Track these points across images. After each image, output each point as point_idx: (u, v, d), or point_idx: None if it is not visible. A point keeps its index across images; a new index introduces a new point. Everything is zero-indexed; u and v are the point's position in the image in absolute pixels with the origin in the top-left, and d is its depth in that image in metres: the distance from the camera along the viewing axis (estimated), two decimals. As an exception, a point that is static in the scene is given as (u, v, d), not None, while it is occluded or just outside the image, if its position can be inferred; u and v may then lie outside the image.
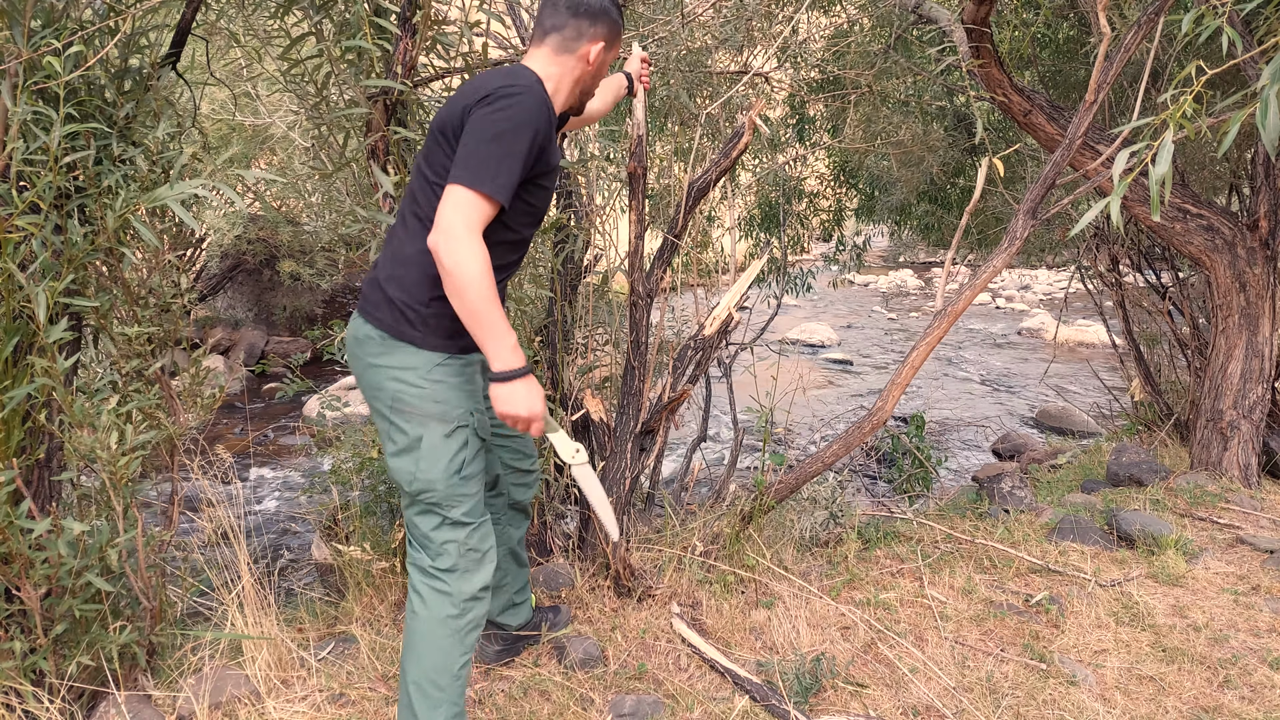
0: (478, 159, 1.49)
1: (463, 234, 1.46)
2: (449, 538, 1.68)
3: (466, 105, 1.54)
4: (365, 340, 1.64)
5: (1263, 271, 3.64)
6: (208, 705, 1.95)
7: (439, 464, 1.64)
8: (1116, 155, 1.57)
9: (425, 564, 1.69)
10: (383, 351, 1.62)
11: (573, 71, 1.73)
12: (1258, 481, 3.67)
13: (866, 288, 16.87)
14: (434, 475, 1.64)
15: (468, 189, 1.48)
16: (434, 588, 1.68)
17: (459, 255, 1.45)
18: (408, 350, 1.62)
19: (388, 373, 1.62)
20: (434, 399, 1.63)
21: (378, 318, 1.63)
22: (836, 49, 4.75)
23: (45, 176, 1.72)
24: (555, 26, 1.70)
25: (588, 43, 1.71)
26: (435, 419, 1.63)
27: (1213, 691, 2.16)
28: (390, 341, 1.62)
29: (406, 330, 1.62)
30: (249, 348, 8.77)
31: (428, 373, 1.62)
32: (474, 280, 1.45)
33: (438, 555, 1.68)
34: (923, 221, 6.52)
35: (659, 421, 2.56)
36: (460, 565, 1.69)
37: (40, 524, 1.73)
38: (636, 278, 2.51)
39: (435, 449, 1.63)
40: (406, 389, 1.62)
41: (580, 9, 1.70)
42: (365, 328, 1.65)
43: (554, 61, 1.70)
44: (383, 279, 1.65)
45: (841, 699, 2.10)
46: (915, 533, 3.11)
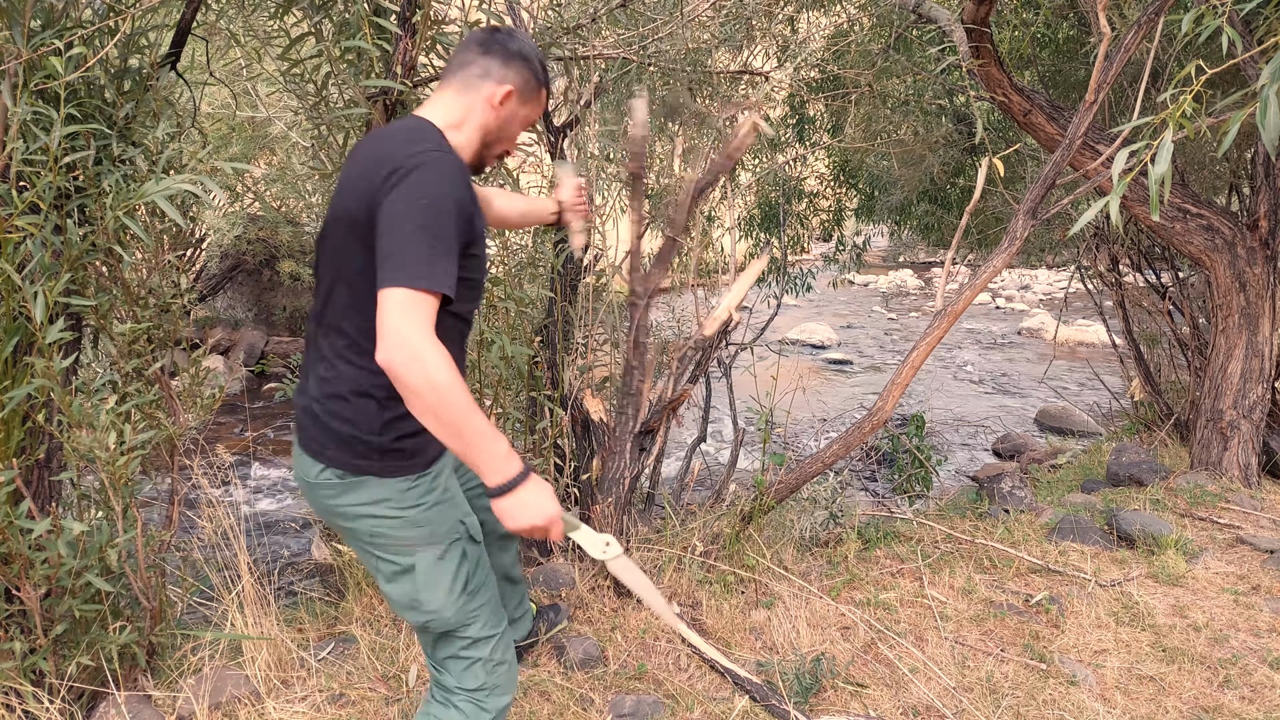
0: (407, 252, 1.26)
1: (418, 342, 1.23)
2: (474, 658, 1.51)
3: (370, 193, 1.32)
4: (318, 485, 1.44)
5: (1263, 271, 3.64)
6: (208, 705, 1.95)
7: (440, 589, 1.46)
8: (1116, 155, 1.57)
9: (452, 685, 1.52)
10: (343, 490, 1.42)
11: (479, 115, 1.49)
12: (1258, 481, 3.67)
13: (866, 288, 16.87)
14: (439, 603, 1.46)
15: (407, 289, 1.24)
16: (469, 700, 1.52)
17: (421, 367, 1.22)
18: (369, 484, 1.41)
19: (355, 511, 1.43)
20: (415, 524, 1.44)
21: (328, 456, 1.42)
22: (836, 48, 4.75)
23: (45, 176, 1.72)
24: (462, 63, 1.50)
25: (494, 84, 1.48)
26: (423, 545, 1.45)
27: (1213, 691, 2.16)
28: (348, 479, 1.42)
29: (362, 464, 1.41)
30: (249, 348, 8.77)
31: (399, 501, 1.43)
32: (444, 390, 1.23)
33: (463, 677, 1.51)
34: (923, 221, 6.52)
35: (659, 421, 2.57)
36: (490, 682, 1.52)
37: (40, 524, 1.73)
38: (635, 278, 2.52)
39: (431, 575, 1.45)
40: (382, 522, 1.43)
41: (491, 47, 1.50)
42: (314, 467, 1.43)
43: (457, 102, 1.49)
44: (319, 411, 1.43)
45: (841, 699, 2.10)
46: (915, 533, 3.11)
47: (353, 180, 1.37)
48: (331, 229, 1.41)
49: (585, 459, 2.80)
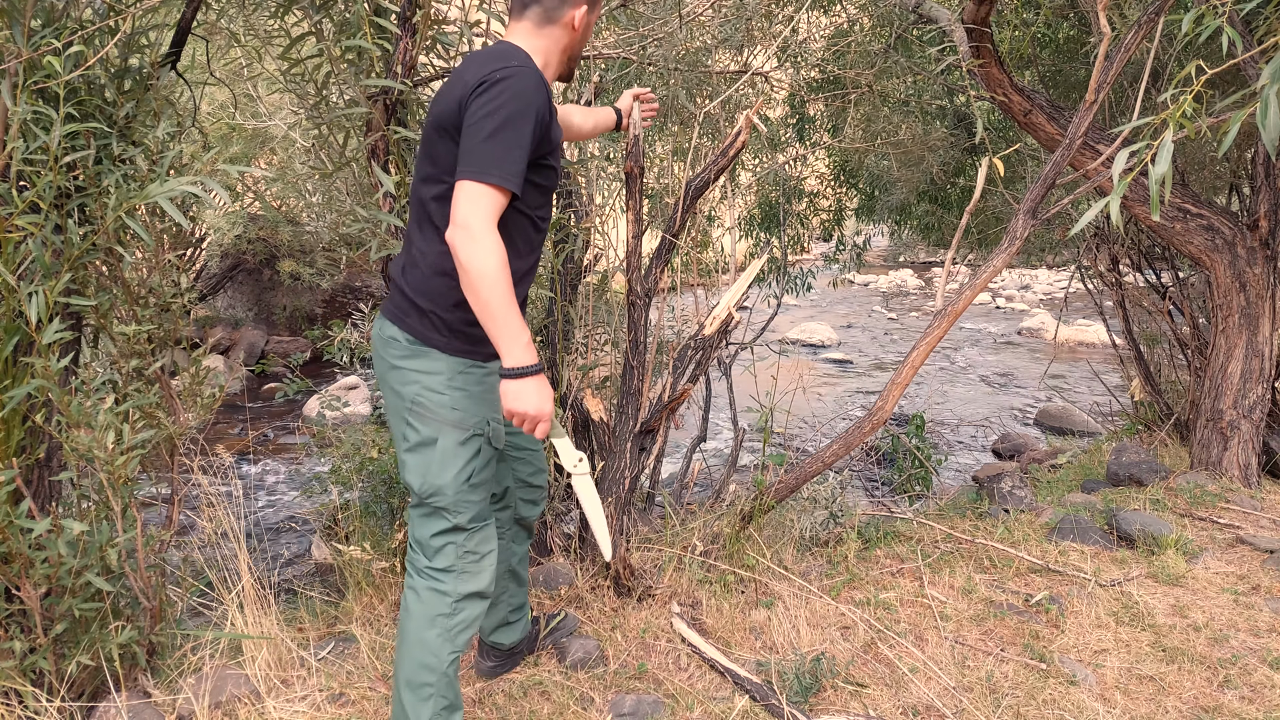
0: (484, 150, 1.46)
1: (479, 228, 1.44)
2: (449, 540, 1.68)
3: (462, 97, 1.51)
4: (390, 342, 1.65)
5: (1263, 271, 3.64)
6: (208, 705, 1.95)
7: (450, 470, 1.64)
8: (1116, 155, 1.57)
9: (422, 564, 1.69)
10: (407, 355, 1.63)
11: (559, 42, 1.68)
12: (1258, 481, 3.67)
13: (866, 288, 16.87)
14: (444, 480, 1.64)
15: (477, 182, 1.45)
16: (430, 586, 1.68)
17: (475, 250, 1.43)
18: (432, 356, 1.62)
19: (410, 375, 1.63)
20: (453, 405, 1.63)
21: (405, 323, 1.63)
22: (836, 48, 4.75)
23: (45, 176, 1.72)
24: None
25: (570, 9, 1.67)
26: (451, 425, 1.63)
27: (1213, 691, 2.16)
28: (416, 346, 1.62)
29: (432, 336, 1.62)
30: (249, 347, 8.77)
31: (449, 379, 1.63)
32: (489, 274, 1.44)
33: (435, 555, 1.68)
34: (923, 221, 6.52)
35: (659, 421, 2.56)
36: (457, 566, 1.69)
37: (40, 524, 1.73)
38: (634, 277, 2.51)
39: (448, 454, 1.63)
40: (427, 394, 1.62)
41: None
42: (391, 329, 1.65)
43: (538, 34, 1.66)
44: (407, 285, 1.64)
45: (841, 699, 2.10)
46: (915, 533, 3.11)
47: (447, 92, 1.55)
48: (427, 132, 1.60)
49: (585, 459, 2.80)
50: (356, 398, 7.09)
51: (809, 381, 8.54)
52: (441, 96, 1.57)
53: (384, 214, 2.11)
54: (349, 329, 3.09)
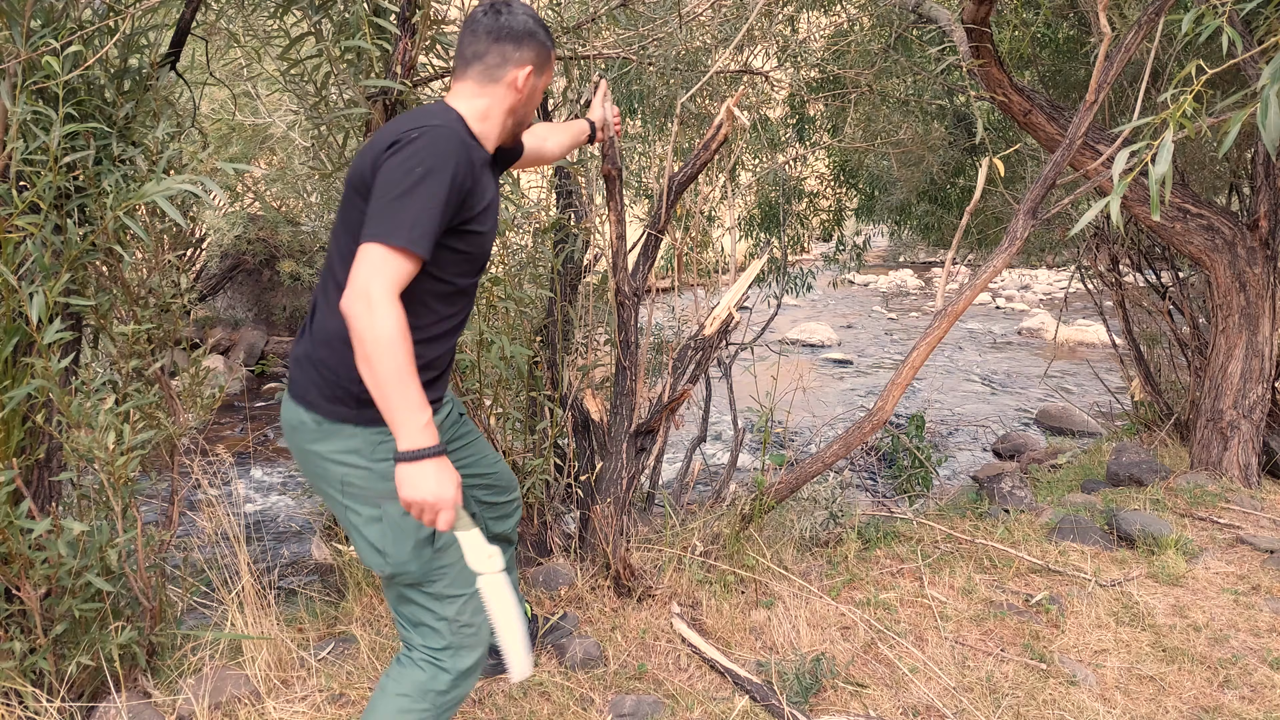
0: (390, 211, 1.35)
1: (377, 295, 1.31)
2: (438, 615, 1.54)
3: (376, 156, 1.41)
4: (300, 427, 1.50)
5: (1263, 271, 3.64)
6: (208, 705, 1.95)
7: (407, 540, 1.49)
8: (1116, 155, 1.57)
9: (417, 643, 1.55)
10: (320, 436, 1.48)
11: (502, 102, 1.58)
12: (1258, 481, 3.67)
13: (866, 288, 16.87)
14: (404, 554, 1.49)
15: (381, 245, 1.33)
16: (428, 660, 1.55)
17: (372, 318, 1.30)
18: (344, 433, 1.47)
19: (330, 457, 1.49)
20: (383, 477, 1.48)
21: (307, 400, 1.49)
22: (836, 48, 4.75)
23: (45, 176, 1.72)
24: (477, 55, 1.56)
25: (514, 68, 1.57)
26: (389, 498, 1.48)
27: (1213, 691, 2.16)
28: (326, 425, 1.48)
29: (340, 410, 1.47)
30: (249, 348, 8.77)
31: (371, 452, 1.48)
32: (385, 344, 1.30)
33: (430, 634, 1.54)
34: (923, 221, 6.52)
35: (659, 421, 2.56)
36: (454, 642, 1.55)
37: (40, 524, 1.73)
38: (621, 277, 2.51)
39: (398, 527, 1.48)
40: (352, 472, 1.48)
41: (502, 34, 1.56)
42: (297, 412, 1.50)
43: (479, 93, 1.57)
44: (309, 357, 1.51)
45: (841, 699, 2.10)
46: (915, 533, 3.11)
47: (365, 151, 1.46)
48: (345, 190, 1.50)
49: (585, 459, 2.80)
50: (356, 398, 7.07)
51: (809, 381, 8.54)
52: (359, 156, 1.48)
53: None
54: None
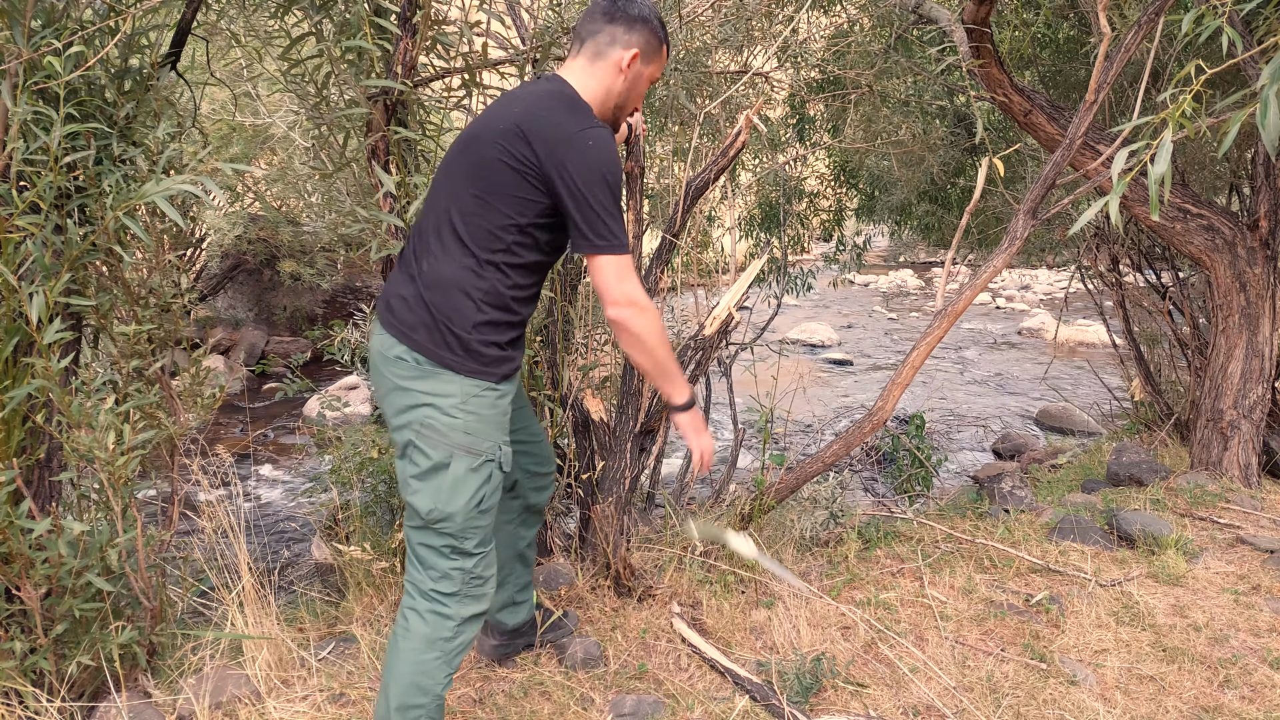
0: (607, 222, 1.52)
1: (639, 298, 1.55)
2: (457, 565, 1.63)
3: (546, 145, 1.50)
4: (396, 361, 1.57)
5: (1263, 271, 3.64)
6: (208, 705, 1.95)
7: (461, 497, 1.58)
8: (1116, 155, 1.57)
9: (427, 586, 1.64)
10: (417, 376, 1.56)
11: (607, 81, 1.65)
12: (1258, 481, 3.67)
13: (866, 288, 16.87)
14: (455, 507, 1.59)
15: (614, 255, 1.53)
16: (433, 609, 1.63)
17: (646, 321, 1.57)
18: (445, 377, 1.56)
19: (419, 397, 1.56)
20: (465, 430, 1.57)
21: (414, 340, 1.56)
22: (836, 49, 4.75)
23: (45, 176, 1.72)
24: (591, 33, 1.66)
25: (621, 49, 1.64)
26: (463, 450, 1.57)
27: (1213, 691, 2.16)
28: (427, 366, 1.56)
29: (446, 356, 1.55)
30: (249, 348, 8.77)
31: (463, 402, 1.56)
32: (660, 335, 1.59)
33: (441, 579, 1.63)
34: (923, 221, 6.52)
35: (659, 421, 2.57)
36: (463, 591, 1.64)
37: (40, 524, 1.73)
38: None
39: (460, 481, 1.58)
40: (438, 416, 1.56)
41: (615, 15, 1.64)
42: (398, 348, 1.57)
43: (590, 72, 1.65)
44: (420, 299, 1.57)
45: (841, 699, 2.10)
46: (915, 533, 3.11)
47: (517, 121, 1.53)
48: (474, 150, 1.57)
49: (585, 459, 2.80)
50: (356, 398, 7.09)
51: (809, 381, 8.54)
52: (505, 128, 1.54)
53: (384, 214, 2.11)
54: (349, 329, 3.09)
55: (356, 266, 9.15)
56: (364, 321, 3.01)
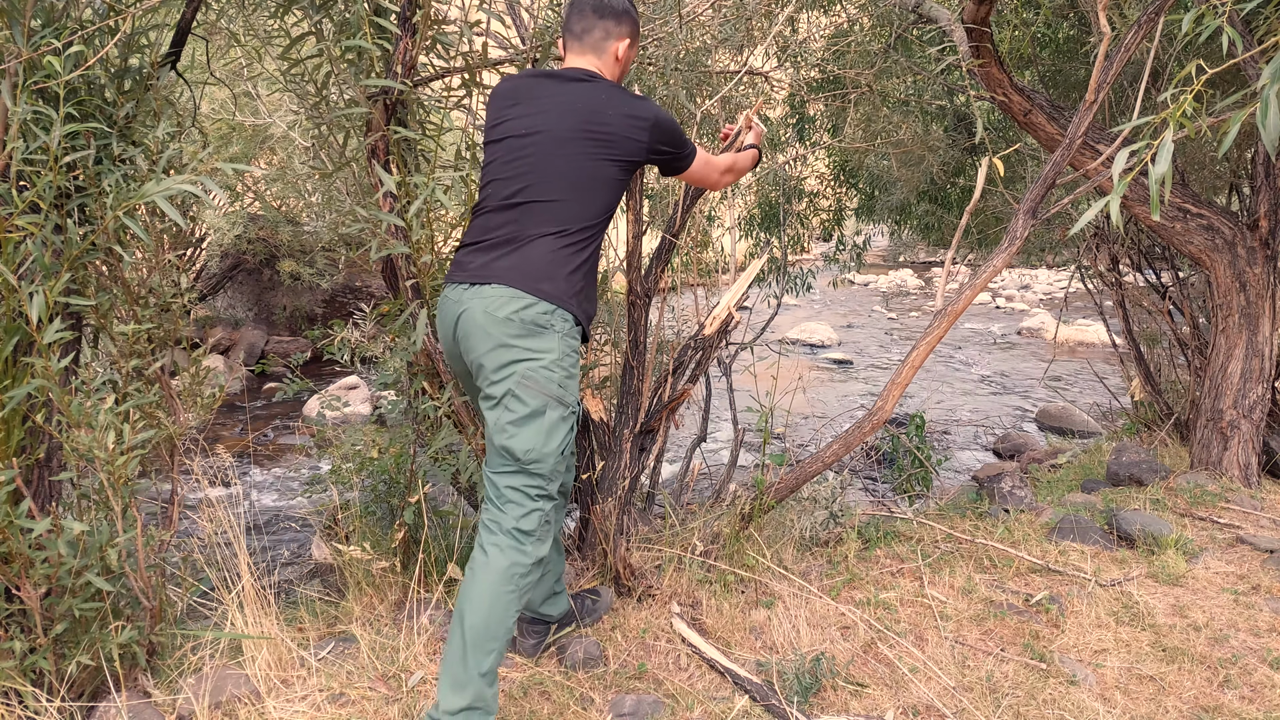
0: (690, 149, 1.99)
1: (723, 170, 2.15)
2: (540, 506, 1.80)
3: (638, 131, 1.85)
4: (505, 322, 1.74)
5: (1263, 271, 3.64)
6: (208, 705, 1.95)
7: (554, 440, 1.79)
8: (1116, 155, 1.57)
9: (509, 524, 1.77)
10: (522, 335, 1.75)
11: (611, 70, 1.93)
12: (1258, 481, 3.67)
13: (866, 288, 16.87)
14: (550, 449, 1.78)
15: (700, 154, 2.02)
16: (514, 545, 1.77)
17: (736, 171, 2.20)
18: (550, 337, 1.77)
19: (523, 353, 1.75)
20: (559, 383, 1.78)
21: (542, 290, 1.76)
22: (836, 48, 4.74)
23: (45, 176, 1.71)
24: (585, 30, 1.90)
25: (615, 41, 1.92)
26: (557, 400, 1.78)
27: (1213, 691, 2.16)
28: (538, 326, 1.75)
29: (566, 311, 1.79)
30: (249, 347, 8.77)
31: (559, 359, 1.78)
32: (740, 171, 2.20)
33: (523, 517, 1.78)
34: (923, 221, 6.52)
35: (659, 421, 2.56)
36: (538, 532, 1.80)
37: (40, 524, 1.73)
38: (634, 277, 2.51)
39: (554, 426, 1.78)
40: (539, 370, 1.75)
41: (605, 10, 1.90)
42: (521, 299, 1.75)
43: (597, 64, 1.92)
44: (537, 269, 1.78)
45: (841, 699, 2.10)
46: (915, 532, 3.11)
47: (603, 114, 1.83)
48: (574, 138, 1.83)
49: (585, 459, 2.80)
50: (356, 398, 7.09)
51: (809, 381, 8.54)
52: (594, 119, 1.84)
53: (384, 214, 2.11)
54: (349, 329, 3.08)
55: (356, 266, 9.14)
56: (364, 321, 3.01)
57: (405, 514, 2.50)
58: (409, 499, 2.51)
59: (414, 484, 2.49)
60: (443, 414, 2.35)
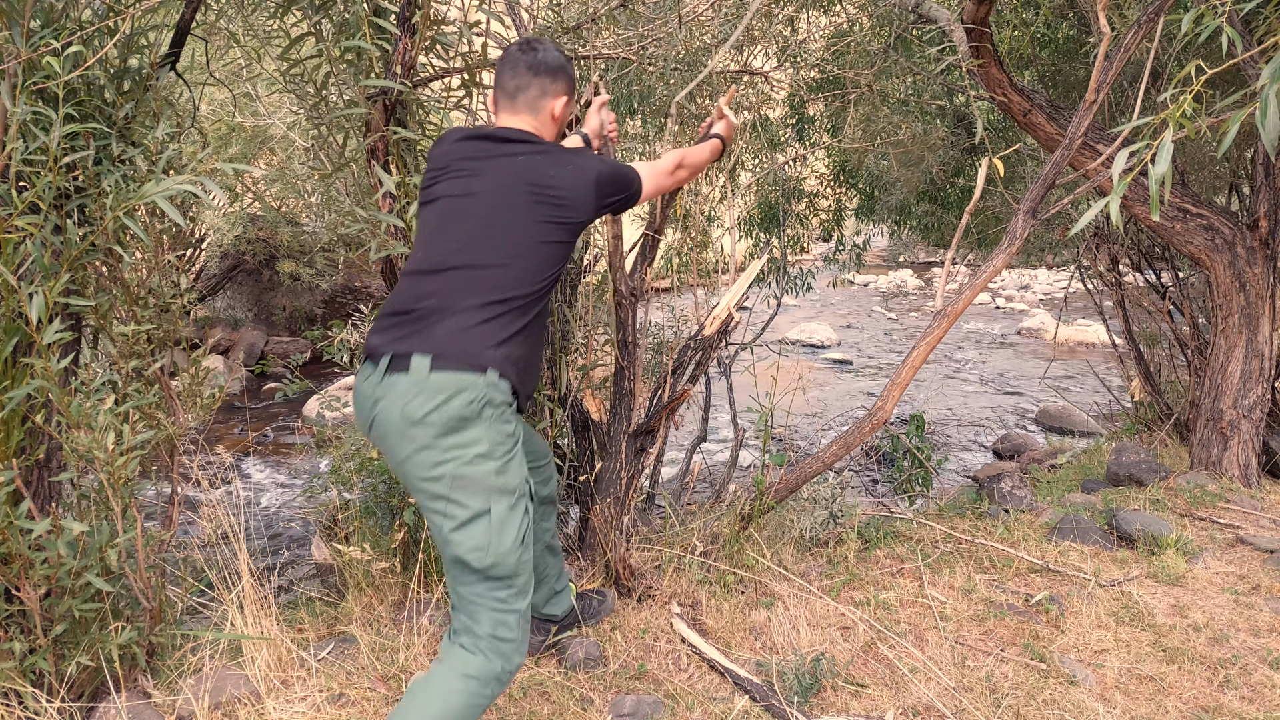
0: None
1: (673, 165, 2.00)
2: (516, 608, 1.63)
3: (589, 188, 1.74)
4: (424, 424, 1.54)
5: (1263, 271, 3.64)
6: (208, 705, 1.95)
7: (509, 535, 1.60)
8: (1116, 155, 1.57)
9: (484, 633, 1.61)
10: (445, 433, 1.55)
11: (546, 127, 1.84)
12: (1258, 481, 3.67)
13: (866, 288, 16.87)
14: (505, 547, 1.59)
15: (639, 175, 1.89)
16: (494, 651, 1.60)
17: (684, 174, 2.04)
18: (477, 426, 1.57)
19: (449, 453, 1.56)
20: (496, 472, 1.59)
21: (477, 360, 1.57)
22: (836, 49, 4.74)
23: (45, 176, 1.71)
24: (520, 88, 1.80)
25: (551, 99, 1.82)
26: (499, 492, 1.59)
27: (1213, 691, 2.16)
28: (462, 419, 1.55)
29: (503, 374, 1.60)
30: (249, 348, 8.77)
31: (492, 448, 1.59)
32: (695, 167, 2.07)
33: (501, 628, 1.61)
34: (923, 221, 6.52)
35: (659, 422, 2.56)
36: (518, 637, 1.63)
37: (40, 524, 1.73)
38: (619, 277, 2.51)
39: (504, 521, 1.60)
40: (467, 469, 1.56)
41: (540, 68, 1.80)
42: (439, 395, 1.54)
43: (536, 125, 1.82)
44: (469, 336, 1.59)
45: (841, 699, 2.10)
46: (915, 533, 3.11)
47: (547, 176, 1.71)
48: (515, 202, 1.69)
49: (585, 459, 2.80)
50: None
51: (809, 381, 8.54)
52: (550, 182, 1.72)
53: (383, 214, 2.11)
54: (349, 329, 3.09)
55: (356, 267, 9.14)
56: (363, 321, 3.02)
57: (405, 514, 2.50)
58: (409, 499, 2.51)
59: (414, 484, 2.49)
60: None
